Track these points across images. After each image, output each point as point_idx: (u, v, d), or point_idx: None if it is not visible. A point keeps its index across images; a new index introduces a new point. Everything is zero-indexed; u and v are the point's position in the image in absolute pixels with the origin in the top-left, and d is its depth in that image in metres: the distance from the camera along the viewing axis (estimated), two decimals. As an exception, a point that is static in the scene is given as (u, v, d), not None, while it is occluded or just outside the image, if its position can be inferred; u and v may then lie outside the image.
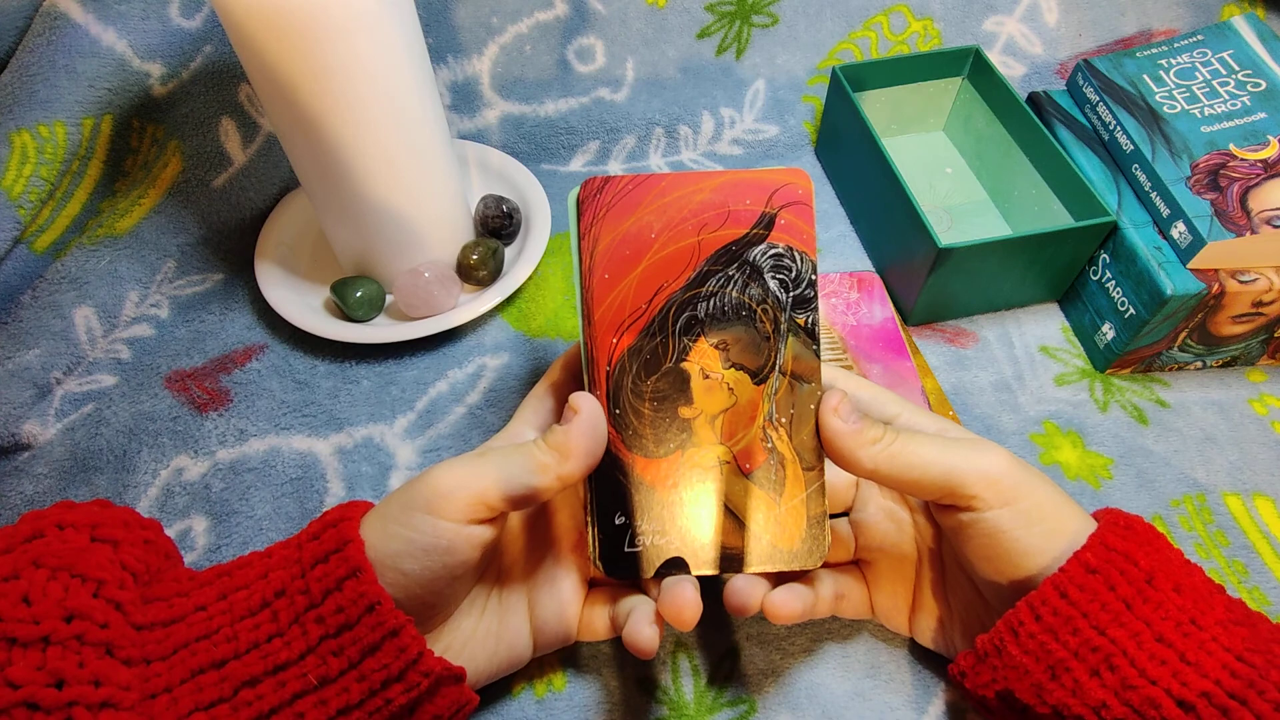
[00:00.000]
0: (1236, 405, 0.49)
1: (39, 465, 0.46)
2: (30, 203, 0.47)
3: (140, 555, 0.31)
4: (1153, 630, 0.29)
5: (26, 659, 0.26)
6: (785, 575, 0.35)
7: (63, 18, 0.47)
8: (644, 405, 0.34)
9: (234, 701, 0.28)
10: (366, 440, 0.48)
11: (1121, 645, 0.29)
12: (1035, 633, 0.30)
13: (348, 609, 0.29)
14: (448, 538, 0.30)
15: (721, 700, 0.38)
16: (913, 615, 0.38)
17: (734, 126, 0.66)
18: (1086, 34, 0.65)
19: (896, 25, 0.65)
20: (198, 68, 0.52)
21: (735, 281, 0.34)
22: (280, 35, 0.40)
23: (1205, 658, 0.28)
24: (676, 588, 0.33)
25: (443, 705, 0.31)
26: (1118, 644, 0.29)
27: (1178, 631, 0.29)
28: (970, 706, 0.37)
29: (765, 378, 0.34)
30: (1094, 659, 0.29)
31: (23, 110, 0.46)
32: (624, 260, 0.34)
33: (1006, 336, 0.53)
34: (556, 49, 0.63)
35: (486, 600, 0.36)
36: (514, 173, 0.60)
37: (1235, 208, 0.46)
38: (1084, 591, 0.30)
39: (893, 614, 0.38)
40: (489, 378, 0.51)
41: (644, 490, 0.34)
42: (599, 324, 0.34)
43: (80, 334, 0.51)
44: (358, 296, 0.51)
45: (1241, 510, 0.45)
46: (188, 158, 0.54)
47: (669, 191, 0.35)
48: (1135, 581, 0.30)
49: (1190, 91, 0.53)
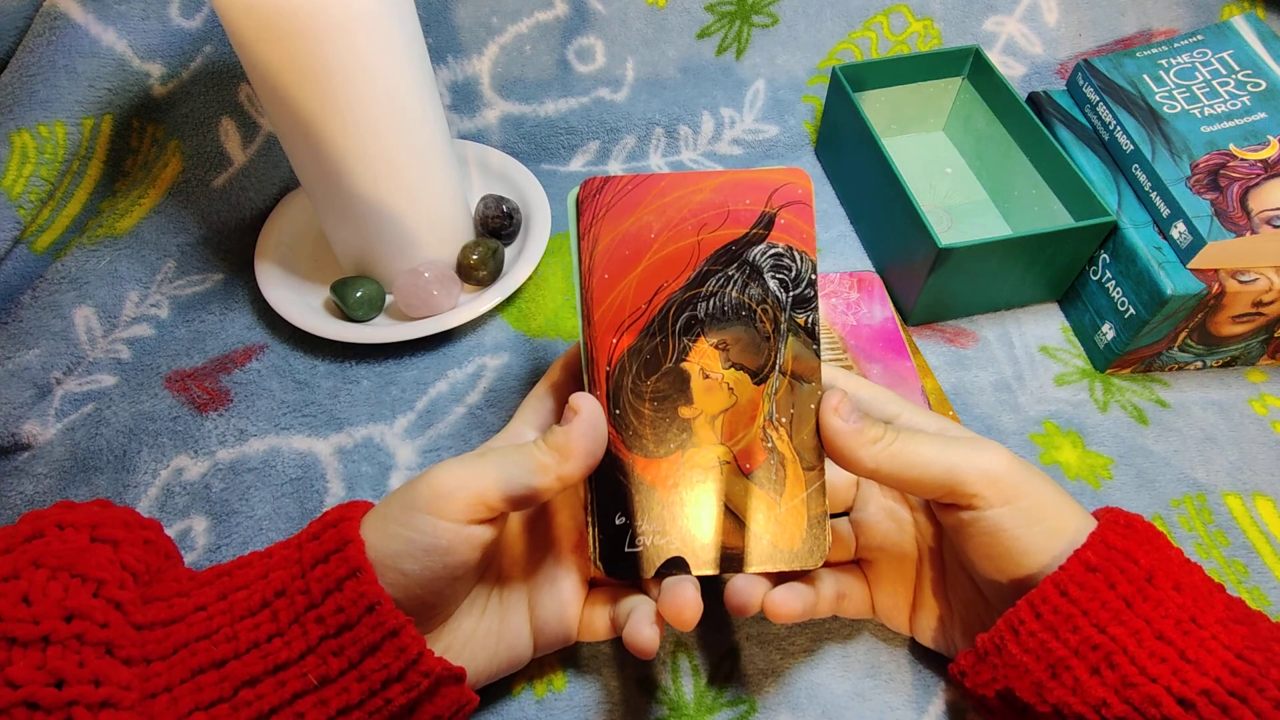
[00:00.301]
0: (1236, 405, 0.49)
1: (39, 465, 0.46)
2: (30, 203, 0.47)
3: (140, 555, 0.31)
4: (1153, 628, 0.29)
5: (26, 659, 0.26)
6: (786, 575, 0.35)
7: (63, 18, 0.47)
8: (644, 405, 0.34)
9: (234, 701, 0.28)
10: (366, 440, 0.48)
11: (1122, 643, 0.29)
12: (1036, 631, 0.30)
13: (348, 609, 0.29)
14: (448, 538, 0.30)
15: (721, 700, 0.38)
16: (913, 614, 0.38)
17: (734, 126, 0.66)
18: (1086, 34, 0.65)
19: (896, 25, 0.65)
20: (198, 68, 0.52)
21: (735, 281, 0.34)
22: (280, 35, 0.40)
23: (1205, 655, 0.28)
24: (677, 588, 0.33)
25: (443, 705, 0.31)
26: (1118, 642, 0.29)
27: (1178, 629, 0.29)
28: (970, 706, 0.37)
29: (765, 378, 0.34)
30: (1094, 657, 0.29)
31: (23, 110, 0.46)
32: (624, 260, 0.34)
33: (1006, 336, 0.53)
34: (556, 49, 0.63)
35: (487, 600, 0.36)
36: (514, 173, 0.60)
37: (1235, 208, 0.46)
38: (1084, 589, 0.30)
39: (893, 613, 0.38)
40: (489, 378, 0.51)
41: (644, 490, 0.34)
42: (599, 324, 0.34)
43: (80, 334, 0.51)
44: (358, 296, 0.51)
45: (1241, 510, 0.45)
46: (188, 158, 0.54)
47: (669, 191, 0.35)
48: (1135, 580, 0.30)
49: (1190, 91, 0.53)
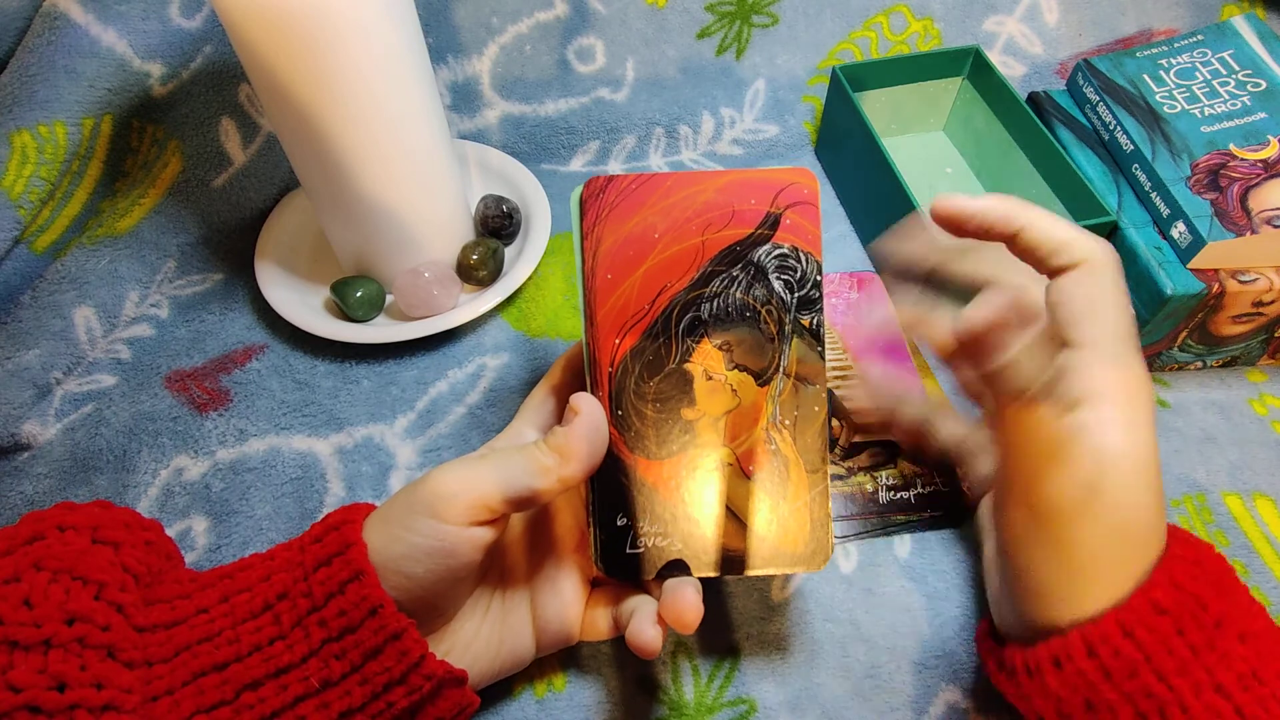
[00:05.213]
0: (1236, 405, 0.50)
1: (39, 465, 0.46)
2: (30, 203, 0.47)
3: (141, 557, 0.31)
4: (1213, 679, 0.28)
5: (28, 662, 0.26)
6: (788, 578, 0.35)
7: (63, 18, 0.47)
8: (646, 407, 0.34)
9: (236, 704, 0.28)
10: (366, 440, 0.48)
11: (1179, 695, 0.28)
12: (1085, 670, 0.29)
13: (350, 612, 0.29)
14: (449, 540, 0.30)
15: (721, 700, 0.38)
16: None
17: (734, 126, 0.65)
18: (1086, 34, 0.65)
19: (896, 25, 0.65)
20: (198, 68, 0.52)
21: (739, 282, 0.34)
22: (280, 35, 0.39)
23: (1263, 715, 0.27)
24: (678, 590, 0.33)
25: (444, 708, 0.31)
26: (1176, 693, 0.28)
27: (1239, 684, 0.28)
28: (974, 686, 0.37)
29: (769, 379, 0.34)
30: (1146, 704, 0.28)
31: (23, 110, 0.46)
32: (627, 260, 0.34)
33: (1007, 337, 0.53)
34: (556, 49, 0.63)
35: (489, 601, 0.36)
36: (514, 173, 0.59)
37: (1235, 208, 0.46)
38: (1153, 633, 0.28)
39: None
40: (489, 378, 0.51)
41: (646, 492, 0.34)
42: (601, 325, 0.34)
43: (80, 334, 0.51)
44: (358, 296, 0.51)
45: (1241, 510, 0.45)
46: (188, 158, 0.53)
47: (673, 191, 0.34)
48: (1205, 627, 0.28)
49: (1190, 91, 0.53)
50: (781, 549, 0.34)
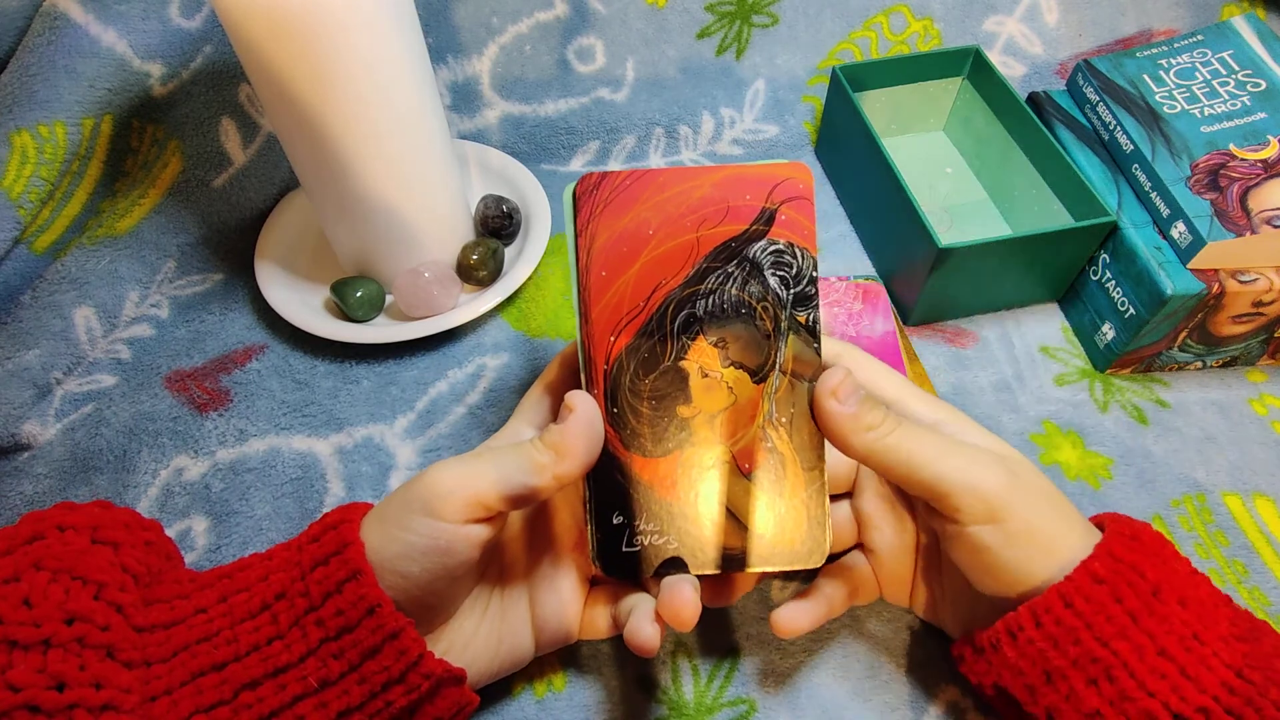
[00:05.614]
0: (1236, 405, 0.49)
1: (39, 465, 0.46)
2: (30, 203, 0.47)
3: (141, 557, 0.31)
4: (1156, 643, 0.29)
5: (27, 662, 0.26)
6: (788, 574, 0.35)
7: (63, 18, 0.47)
8: (642, 404, 0.34)
9: (234, 704, 0.28)
10: (366, 440, 0.48)
11: (1123, 657, 0.29)
12: (1035, 639, 0.30)
13: (348, 612, 0.29)
14: (446, 538, 0.30)
15: (721, 700, 0.38)
16: (912, 591, 0.38)
17: (734, 126, 0.65)
18: (1086, 34, 0.65)
19: (896, 25, 0.65)
20: (198, 68, 0.52)
21: (735, 278, 0.34)
22: (280, 35, 0.39)
23: (1205, 673, 0.28)
24: (675, 588, 0.33)
25: (443, 707, 0.31)
26: (1119, 656, 0.29)
27: (1180, 646, 0.29)
28: (972, 687, 0.37)
29: (765, 376, 0.34)
30: (1093, 669, 0.29)
31: (23, 110, 0.46)
32: (621, 257, 0.34)
33: (1006, 337, 0.53)
34: (556, 49, 0.63)
35: (488, 600, 0.36)
36: (514, 173, 0.60)
37: (1235, 208, 0.46)
38: (1090, 602, 0.29)
39: (897, 594, 0.38)
40: (489, 378, 0.51)
41: (642, 490, 0.34)
42: (596, 322, 0.34)
43: (80, 334, 0.51)
44: (358, 296, 0.51)
45: (1241, 510, 0.45)
46: (188, 158, 0.54)
47: (667, 187, 0.34)
48: (1142, 594, 0.29)
49: (1190, 91, 0.53)
50: (779, 546, 0.34)
